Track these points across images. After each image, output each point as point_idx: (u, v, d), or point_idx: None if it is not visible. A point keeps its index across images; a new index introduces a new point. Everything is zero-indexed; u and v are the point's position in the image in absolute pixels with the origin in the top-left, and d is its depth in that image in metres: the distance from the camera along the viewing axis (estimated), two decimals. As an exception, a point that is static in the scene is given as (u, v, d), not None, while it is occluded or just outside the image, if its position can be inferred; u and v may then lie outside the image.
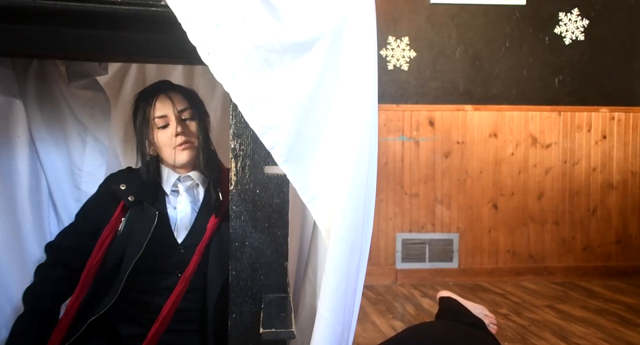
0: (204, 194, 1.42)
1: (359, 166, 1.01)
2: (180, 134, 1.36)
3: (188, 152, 1.38)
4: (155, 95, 1.38)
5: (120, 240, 1.35)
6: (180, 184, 1.42)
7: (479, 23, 3.51)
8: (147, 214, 1.35)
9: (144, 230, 1.33)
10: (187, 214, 1.40)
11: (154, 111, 1.37)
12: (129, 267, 1.31)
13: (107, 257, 1.35)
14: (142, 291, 1.35)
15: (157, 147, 1.40)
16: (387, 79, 3.42)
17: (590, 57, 3.58)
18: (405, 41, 3.47)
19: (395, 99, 3.47)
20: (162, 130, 1.38)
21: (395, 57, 3.46)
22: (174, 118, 1.37)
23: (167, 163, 1.41)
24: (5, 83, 1.46)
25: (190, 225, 1.39)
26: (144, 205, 1.37)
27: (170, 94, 1.39)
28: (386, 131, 3.44)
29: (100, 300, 1.32)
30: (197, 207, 1.41)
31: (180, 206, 1.40)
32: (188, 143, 1.38)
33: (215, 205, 1.38)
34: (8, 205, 1.46)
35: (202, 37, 0.94)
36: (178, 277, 1.34)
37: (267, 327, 1.02)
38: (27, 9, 1.01)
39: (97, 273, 1.34)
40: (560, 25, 3.56)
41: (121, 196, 1.37)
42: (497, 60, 3.53)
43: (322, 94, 1.02)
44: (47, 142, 1.57)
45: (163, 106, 1.37)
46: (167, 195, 1.41)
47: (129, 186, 1.38)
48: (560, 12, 3.55)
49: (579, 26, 3.56)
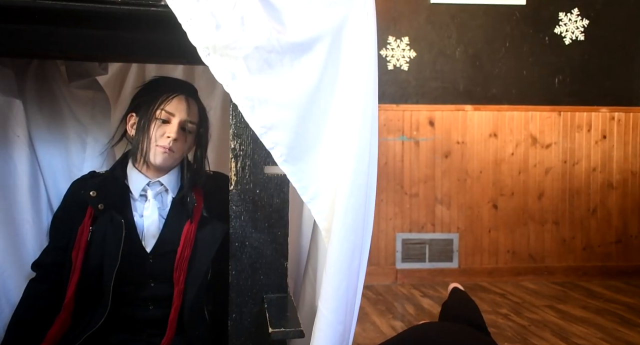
0: (172, 200, 1.38)
1: (359, 166, 1.01)
2: (172, 139, 1.32)
3: (164, 157, 1.33)
4: (176, 91, 1.35)
5: (95, 250, 1.31)
6: (150, 190, 1.37)
7: (479, 23, 3.51)
8: (115, 223, 1.31)
9: (115, 240, 1.29)
10: (155, 221, 1.35)
11: (166, 104, 1.33)
12: (111, 278, 1.28)
13: (85, 269, 1.31)
14: (122, 303, 1.32)
15: (149, 138, 1.34)
16: (387, 79, 3.42)
17: (590, 57, 3.58)
18: (405, 41, 3.47)
19: (395, 99, 3.47)
20: (161, 124, 1.34)
21: (395, 57, 3.46)
22: (178, 122, 1.33)
23: (139, 163, 1.36)
24: (4, 83, 1.46)
25: (157, 233, 1.35)
26: (113, 213, 1.32)
27: (190, 101, 1.36)
28: (386, 131, 3.44)
29: (92, 314, 1.30)
30: (164, 213, 1.37)
31: (147, 213, 1.36)
32: (170, 150, 1.33)
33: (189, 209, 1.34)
34: (7, 205, 1.46)
35: (202, 38, 0.94)
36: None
37: (275, 327, 1.02)
38: (27, 9, 1.01)
39: (79, 286, 1.30)
40: (560, 25, 3.56)
41: (91, 204, 1.32)
42: (497, 60, 3.53)
43: (322, 94, 1.02)
44: (47, 142, 1.56)
45: (178, 106, 1.34)
46: (135, 200, 1.36)
47: (99, 193, 1.32)
48: (560, 12, 3.55)
49: (579, 26, 3.56)
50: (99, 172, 1.44)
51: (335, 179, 1.04)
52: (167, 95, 1.34)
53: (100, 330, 1.29)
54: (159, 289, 1.33)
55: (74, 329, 1.30)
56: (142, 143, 1.33)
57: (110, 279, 1.28)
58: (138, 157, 1.35)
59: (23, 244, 1.49)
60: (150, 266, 1.33)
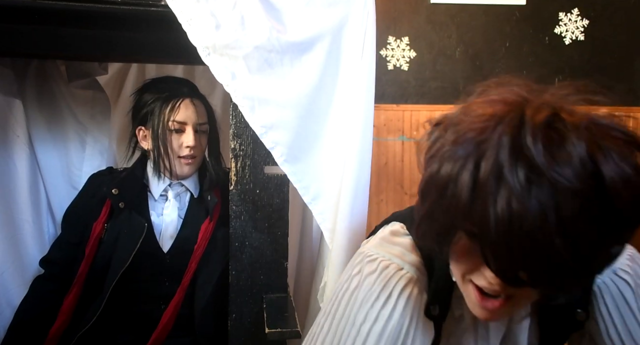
0: (190, 199, 1.37)
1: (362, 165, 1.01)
2: (191, 148, 1.30)
3: (190, 167, 1.33)
4: (181, 98, 1.31)
5: (105, 248, 1.30)
6: (171, 191, 1.36)
7: (479, 23, 3.51)
8: (134, 223, 1.30)
9: (131, 240, 1.28)
10: (173, 221, 1.35)
11: (175, 114, 1.30)
12: (115, 278, 1.27)
13: (93, 266, 1.30)
14: (131, 301, 1.31)
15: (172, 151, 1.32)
16: (387, 79, 3.42)
17: (590, 57, 3.58)
18: (405, 41, 3.47)
19: (395, 99, 3.47)
20: (175, 134, 1.31)
21: (395, 57, 3.46)
22: (192, 128, 1.31)
23: (161, 168, 1.33)
24: (4, 83, 1.46)
25: (175, 233, 1.35)
26: (132, 213, 1.31)
27: (195, 102, 1.33)
28: (386, 131, 3.44)
29: (90, 310, 1.29)
30: (182, 213, 1.36)
31: (167, 212, 1.35)
32: (194, 158, 1.32)
33: (211, 209, 1.33)
34: (7, 205, 1.46)
35: (202, 38, 0.94)
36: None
37: (272, 327, 1.02)
38: (27, 9, 1.01)
39: (85, 282, 1.30)
40: (560, 25, 3.56)
41: (112, 202, 1.31)
42: (497, 60, 3.52)
43: (323, 93, 1.02)
44: (46, 142, 1.56)
45: (186, 112, 1.31)
46: (154, 200, 1.36)
47: (121, 191, 1.31)
48: (560, 12, 3.55)
49: (579, 26, 3.56)
50: (116, 168, 1.43)
51: (336, 179, 1.04)
52: (172, 102, 1.31)
53: (106, 329, 1.28)
54: (172, 288, 1.32)
55: (73, 325, 1.30)
56: (163, 158, 1.31)
57: (115, 277, 1.27)
58: (162, 169, 1.32)
59: (23, 243, 1.49)
60: (166, 265, 1.33)
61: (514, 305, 0.68)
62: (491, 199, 0.54)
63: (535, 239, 0.53)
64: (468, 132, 0.59)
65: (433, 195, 0.62)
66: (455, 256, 0.68)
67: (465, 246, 0.65)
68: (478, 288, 0.67)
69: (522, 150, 0.54)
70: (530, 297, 0.69)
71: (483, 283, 0.65)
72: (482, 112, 0.61)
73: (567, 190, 0.53)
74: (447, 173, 0.59)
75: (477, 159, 0.57)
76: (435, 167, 0.62)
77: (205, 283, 1.31)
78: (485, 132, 0.58)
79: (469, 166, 0.57)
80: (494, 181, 0.54)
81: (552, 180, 0.53)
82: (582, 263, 0.56)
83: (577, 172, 0.54)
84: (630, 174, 0.55)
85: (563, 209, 0.53)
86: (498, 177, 0.54)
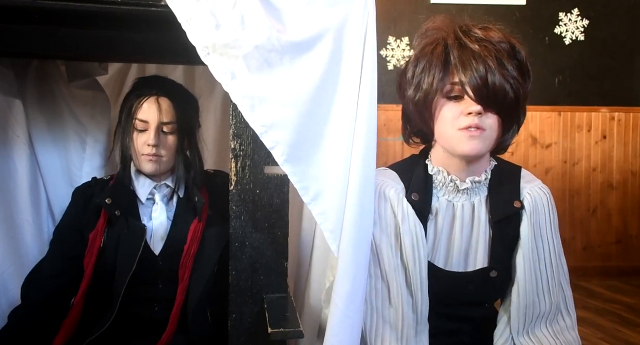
0: (177, 200, 1.38)
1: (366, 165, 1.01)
2: (152, 146, 1.31)
3: (153, 165, 1.32)
4: (146, 96, 1.32)
5: (107, 256, 1.31)
6: (157, 193, 1.37)
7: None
8: (132, 228, 1.31)
9: (133, 245, 1.29)
10: (163, 223, 1.35)
11: (138, 111, 1.31)
12: (124, 283, 1.28)
13: (96, 275, 1.30)
14: (128, 304, 1.31)
15: (133, 148, 1.33)
16: (387, 79, 3.42)
17: (590, 57, 3.58)
18: (405, 41, 3.47)
19: (395, 99, 3.45)
20: (139, 133, 1.32)
21: (395, 57, 3.46)
22: (154, 127, 1.31)
23: (127, 163, 1.35)
24: (4, 83, 1.46)
25: (165, 234, 1.35)
26: (129, 219, 1.32)
27: (161, 101, 1.32)
28: (386, 131, 3.43)
29: (99, 318, 1.29)
30: (171, 215, 1.37)
31: (155, 215, 1.36)
32: (155, 156, 1.31)
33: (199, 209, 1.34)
34: (6, 205, 1.46)
35: (202, 37, 0.94)
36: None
37: (275, 327, 1.02)
38: (27, 9, 1.01)
39: (88, 292, 1.30)
40: (560, 25, 3.56)
41: (108, 211, 1.31)
42: (497, 60, 3.52)
43: (324, 93, 1.02)
44: (46, 142, 1.56)
45: (149, 111, 1.31)
46: (142, 204, 1.36)
47: (114, 200, 1.32)
48: (560, 12, 3.55)
49: (579, 26, 3.56)
50: (99, 178, 1.43)
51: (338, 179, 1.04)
52: (137, 101, 1.32)
53: (107, 333, 1.29)
54: (166, 289, 1.33)
55: (79, 333, 1.30)
56: (131, 154, 1.34)
57: (123, 283, 1.28)
58: (128, 163, 1.35)
59: (23, 244, 1.49)
60: (159, 267, 1.33)
61: (485, 139, 1.07)
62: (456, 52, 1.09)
63: (484, 66, 1.05)
64: (427, 46, 1.14)
65: (417, 75, 1.13)
66: (442, 117, 1.09)
67: (443, 102, 1.09)
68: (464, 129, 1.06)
69: (465, 36, 1.12)
70: (495, 131, 1.08)
71: (466, 121, 1.05)
72: (431, 38, 1.16)
73: (492, 44, 1.10)
74: (425, 54, 1.12)
75: (444, 41, 1.12)
76: (412, 66, 1.14)
77: (196, 283, 1.32)
78: (438, 38, 1.13)
79: (438, 48, 1.11)
80: (457, 45, 1.10)
81: (488, 40, 1.11)
82: (514, 89, 1.08)
83: (499, 37, 1.12)
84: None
85: (500, 51, 1.08)
86: (459, 44, 1.10)
